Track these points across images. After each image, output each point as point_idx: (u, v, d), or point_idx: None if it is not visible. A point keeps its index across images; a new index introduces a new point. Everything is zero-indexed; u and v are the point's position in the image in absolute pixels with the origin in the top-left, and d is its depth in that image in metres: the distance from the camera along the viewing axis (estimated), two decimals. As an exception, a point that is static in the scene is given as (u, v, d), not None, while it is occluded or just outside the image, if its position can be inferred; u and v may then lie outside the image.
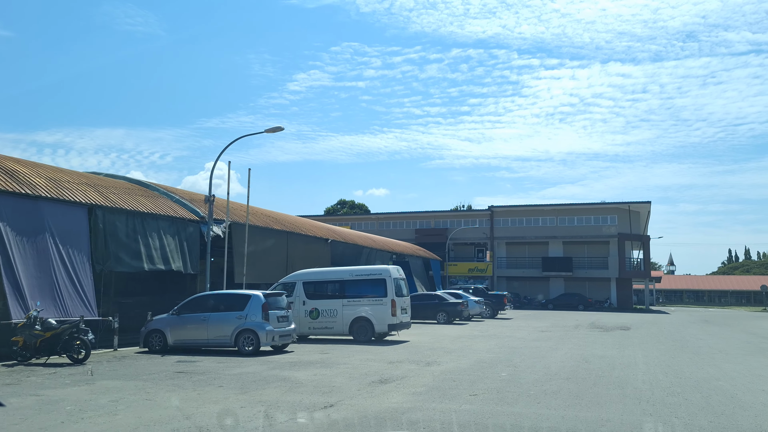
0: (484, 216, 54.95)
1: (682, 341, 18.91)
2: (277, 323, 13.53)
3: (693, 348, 16.66)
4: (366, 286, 16.80)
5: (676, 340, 19.12)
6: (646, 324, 28.50)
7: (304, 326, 17.01)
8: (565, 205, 52.13)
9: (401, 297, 17.10)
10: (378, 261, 33.69)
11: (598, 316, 36.39)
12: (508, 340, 18.16)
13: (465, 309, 26.16)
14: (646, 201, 49.36)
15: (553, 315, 36.62)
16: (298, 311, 17.04)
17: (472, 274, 53.95)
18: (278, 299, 14.07)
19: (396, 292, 16.78)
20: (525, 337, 19.47)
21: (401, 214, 57.42)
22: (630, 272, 50.92)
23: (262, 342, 13.08)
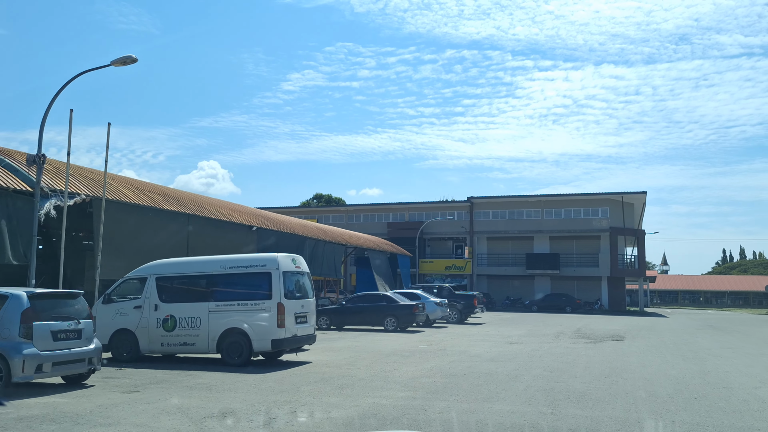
0: (463, 208, 49.88)
1: (697, 360, 13.84)
2: (54, 342, 8.34)
3: (718, 375, 11.59)
4: (244, 282, 11.61)
5: (687, 359, 14.05)
6: (644, 331, 23.50)
7: (155, 341, 11.78)
8: (551, 196, 47.14)
9: (298, 299, 11.94)
10: (328, 256, 28.53)
11: (586, 320, 31.43)
12: (456, 360, 13.04)
13: (420, 313, 21.05)
14: (641, 191, 44.47)
15: (534, 319, 31.59)
16: (149, 319, 11.81)
17: (450, 272, 48.90)
18: (60, 303, 8.86)
19: (289, 291, 11.61)
20: (483, 354, 14.35)
21: (372, 206, 52.26)
22: (623, 271, 46.00)
23: (16, 374, 7.87)
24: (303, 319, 11.97)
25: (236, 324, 11.33)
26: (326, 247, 28.14)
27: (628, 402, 8.37)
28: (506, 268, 48.07)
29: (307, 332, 12.09)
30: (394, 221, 51.29)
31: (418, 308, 20.77)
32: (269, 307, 11.23)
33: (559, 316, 36.36)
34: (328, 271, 28.56)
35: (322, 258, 27.73)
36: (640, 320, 32.95)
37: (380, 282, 32.93)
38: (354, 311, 21.16)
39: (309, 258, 26.27)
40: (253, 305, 11.34)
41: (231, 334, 11.35)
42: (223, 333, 11.34)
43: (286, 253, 12.14)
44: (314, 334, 12.47)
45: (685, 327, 27.48)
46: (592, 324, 27.72)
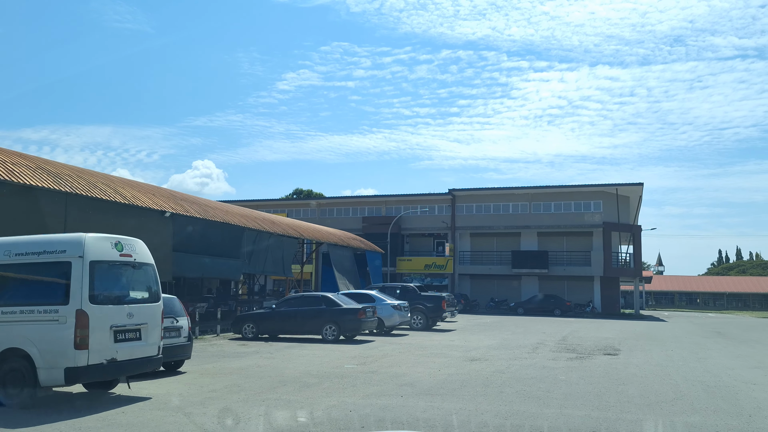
0: (444, 201, 45.87)
1: (726, 391, 9.85)
2: None
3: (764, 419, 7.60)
4: (33, 277, 7.57)
5: (709, 388, 10.06)
6: (642, 340, 19.54)
7: None
8: (540, 188, 43.21)
9: (123, 305, 7.84)
10: (275, 251, 24.49)
11: (575, 325, 27.48)
12: (373, 394, 9.02)
13: (368, 319, 17.01)
14: (637, 183, 40.59)
15: (517, 324, 27.62)
16: None
17: (429, 270, 44.91)
18: None
19: (104, 293, 7.53)
20: (421, 380, 10.34)
21: (346, 199, 48.17)
22: (617, 270, 42.11)
23: None
24: (134, 334, 7.87)
25: (17, 342, 7.25)
26: (272, 240, 24.06)
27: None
28: (491, 266, 44.10)
29: (142, 354, 7.98)
30: (370, 215, 47.24)
31: (364, 313, 16.71)
32: (65, 317, 7.16)
33: (546, 320, 32.41)
34: (274, 269, 24.51)
35: (266, 253, 23.67)
36: (636, 325, 29.06)
37: (342, 281, 28.91)
38: (285, 316, 17.11)
39: (249, 253, 22.24)
40: (43, 313, 7.27)
41: (9, 359, 7.27)
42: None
43: (105, 234, 8.03)
44: (159, 357, 8.35)
45: (689, 334, 23.57)
46: (582, 331, 23.76)
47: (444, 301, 22.12)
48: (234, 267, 21.62)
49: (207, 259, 20.37)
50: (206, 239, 20.44)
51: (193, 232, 19.73)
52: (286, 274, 25.45)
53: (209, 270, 20.55)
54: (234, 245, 21.83)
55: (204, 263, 20.15)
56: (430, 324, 22.55)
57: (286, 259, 25.37)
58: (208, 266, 20.42)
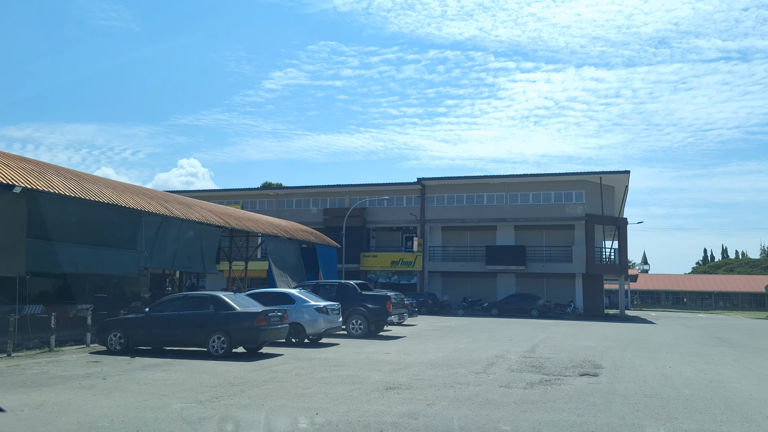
0: (413, 191, 41.82)
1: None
2: None
3: None
4: None
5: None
6: (630, 350, 15.60)
7: None
8: (517, 177, 39.30)
9: None
10: (192, 242, 20.25)
11: (552, 329, 23.59)
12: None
13: (270, 327, 12.84)
14: (623, 171, 36.86)
15: (484, 328, 23.67)
16: None
17: (397, 267, 40.87)
18: None
19: None
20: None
21: (305, 189, 43.87)
22: (601, 267, 38.35)
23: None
24: None
25: None
26: (186, 228, 19.80)
27: None
28: (463, 263, 40.13)
29: None
30: (332, 207, 43.06)
31: (265, 319, 12.55)
32: None
33: (521, 322, 28.50)
34: (189, 263, 20.25)
35: (177, 243, 19.40)
36: (622, 329, 25.24)
37: (283, 278, 24.74)
38: (162, 323, 12.91)
39: (151, 242, 18.01)
40: None
41: None
42: None
43: None
44: None
45: (685, 340, 19.73)
46: (558, 336, 19.81)
47: (389, 301, 18.01)
48: (127, 260, 17.35)
49: (86, 250, 16.09)
50: (86, 225, 16.16)
51: (63, 215, 15.44)
52: (207, 270, 21.17)
53: (89, 263, 16.26)
54: (128, 233, 17.56)
55: (80, 255, 15.87)
56: (373, 330, 18.46)
57: (208, 251, 21.10)
58: (87, 259, 16.14)
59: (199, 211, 21.16)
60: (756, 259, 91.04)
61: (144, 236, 17.92)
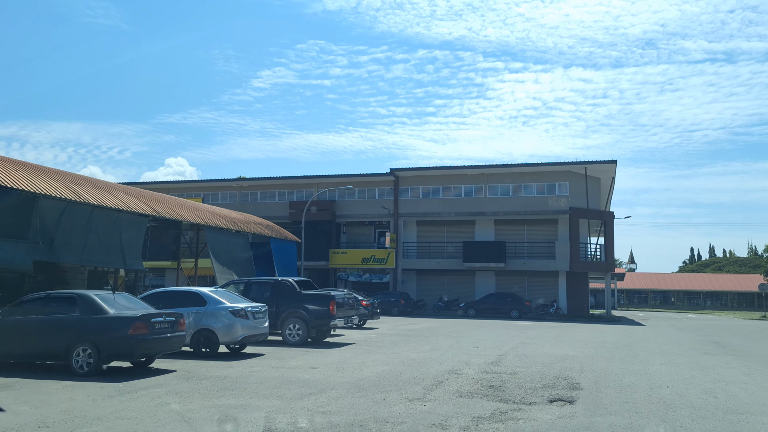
0: (386, 183, 38.99)
1: None
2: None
3: None
4: None
5: None
6: (617, 362, 12.86)
7: None
8: (497, 167, 36.59)
9: None
10: (107, 233, 17.23)
11: (530, 332, 20.89)
12: None
13: (154, 335, 9.91)
14: (610, 160, 34.28)
15: (452, 332, 20.92)
16: None
17: (368, 265, 38.02)
18: None
19: None
20: None
21: (270, 181, 40.83)
22: (586, 264, 35.77)
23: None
24: None
25: None
26: (98, 215, 16.78)
27: None
28: (440, 260, 37.37)
29: None
30: (299, 199, 40.10)
31: (146, 326, 9.64)
32: None
33: (497, 324, 25.79)
34: (106, 257, 17.23)
35: (86, 234, 16.39)
36: (608, 332, 22.59)
37: (226, 275, 21.80)
38: (14, 331, 9.95)
39: (51, 232, 15.03)
40: None
41: None
42: None
43: None
44: None
45: (680, 347, 17.08)
46: (534, 342, 17.07)
47: (332, 302, 15.11)
48: (14, 253, 14.34)
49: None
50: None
51: None
52: (130, 266, 18.14)
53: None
54: (18, 220, 14.55)
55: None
56: (316, 336, 15.59)
57: (130, 244, 18.06)
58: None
59: (117, 195, 18.13)
60: (744, 257, 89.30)
61: (40, 224, 14.90)
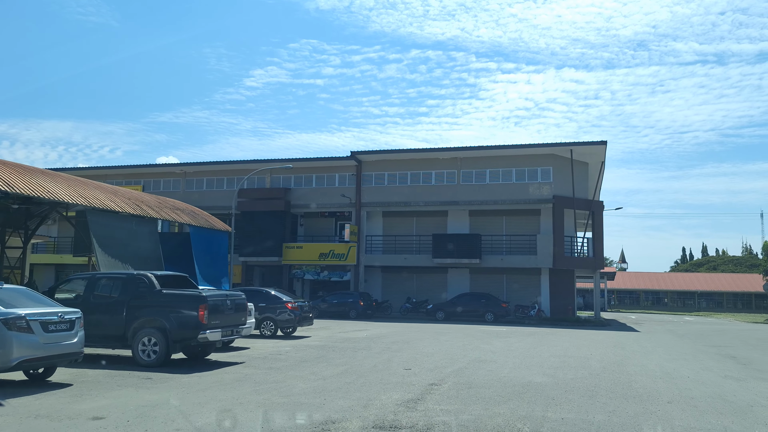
0: (347, 168, 34.51)
1: None
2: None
3: None
4: None
5: None
6: (602, 394, 8.47)
7: None
8: (471, 150, 32.21)
9: None
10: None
11: (497, 343, 16.55)
12: None
13: None
14: (599, 141, 30.03)
15: (399, 341, 16.56)
16: None
17: (327, 261, 33.57)
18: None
19: None
20: None
21: (218, 166, 36.25)
22: (571, 260, 31.51)
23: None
24: None
25: None
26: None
27: None
28: (408, 256, 32.96)
29: None
30: (250, 187, 35.56)
31: None
32: None
33: (463, 330, 21.46)
34: None
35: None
36: (595, 340, 18.26)
37: (116, 268, 17.21)
38: None
39: None
40: None
41: None
42: None
43: None
44: None
45: (687, 363, 12.76)
46: (495, 360, 12.70)
47: (204, 306, 10.64)
48: None
49: None
50: None
51: None
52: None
53: None
54: None
55: None
56: (194, 352, 11.12)
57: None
58: None
59: None
60: (740, 256, 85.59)
61: None
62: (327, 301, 30.79)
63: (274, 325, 17.43)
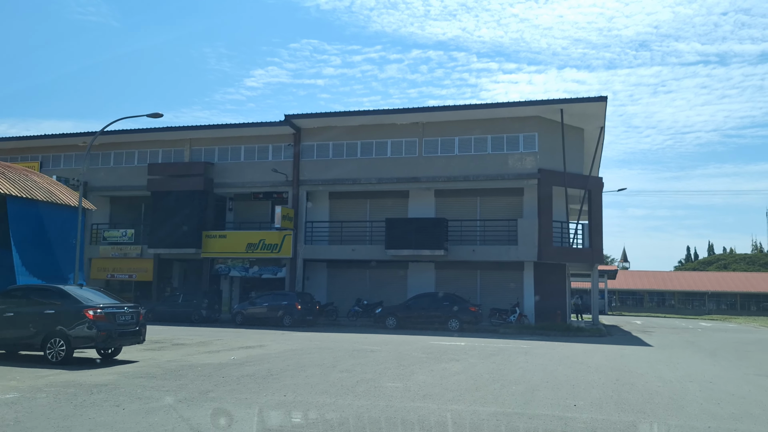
0: (284, 138, 27.77)
1: None
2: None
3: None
4: None
5: None
6: None
7: None
8: (437, 111, 25.45)
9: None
10: None
11: (420, 377, 9.89)
12: None
13: None
14: (598, 97, 23.35)
15: (267, 375, 9.88)
16: None
17: (255, 253, 26.90)
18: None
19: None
20: None
21: (128, 136, 29.36)
22: (562, 252, 24.82)
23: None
24: None
25: None
26: None
27: None
28: (357, 247, 26.19)
29: None
30: (166, 161, 28.83)
31: None
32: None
33: (408, 344, 14.83)
34: None
35: None
36: (586, 363, 11.57)
37: None
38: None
39: None
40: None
41: None
42: None
43: None
44: None
45: (755, 418, 6.11)
46: (407, 403, 6.02)
47: None
48: None
49: None
50: None
51: None
52: None
53: None
54: None
55: None
56: None
57: None
58: None
59: None
60: (752, 254, 78.84)
61: None
62: (256, 304, 24.23)
63: (65, 344, 10.73)
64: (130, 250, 28.44)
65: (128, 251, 28.46)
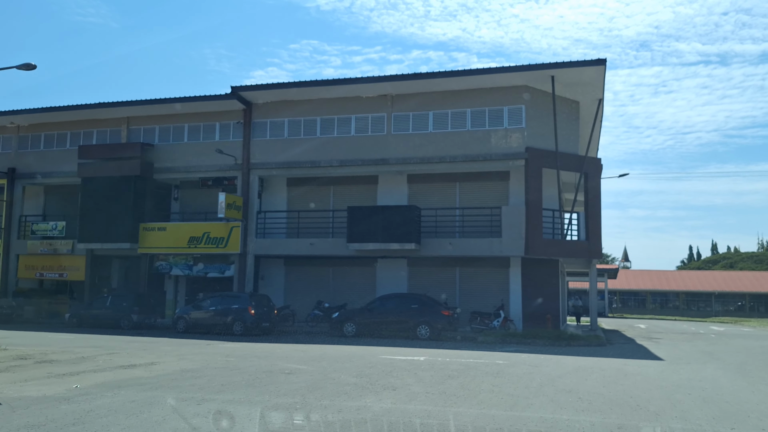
0: (233, 115, 24.08)
1: None
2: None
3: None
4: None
5: None
6: None
7: None
8: (407, 80, 21.71)
9: None
10: None
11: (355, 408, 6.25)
12: None
13: None
14: (595, 60, 19.69)
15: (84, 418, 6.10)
16: None
17: (200, 248, 23.23)
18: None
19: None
20: None
21: (59, 114, 25.61)
22: (554, 246, 21.13)
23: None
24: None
25: None
26: None
27: None
28: (316, 240, 22.49)
29: None
30: (101, 142, 25.17)
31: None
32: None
33: (355, 360, 11.16)
34: None
35: None
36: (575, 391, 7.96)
37: None
38: None
39: None
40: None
41: None
42: None
43: None
44: None
45: None
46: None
47: None
48: None
49: None
50: None
51: None
52: None
53: None
54: None
55: None
56: None
57: None
58: None
59: None
60: (759, 253, 75.12)
61: None
62: (202, 308, 20.61)
63: None
64: (60, 246, 24.82)
65: (58, 246, 24.83)
